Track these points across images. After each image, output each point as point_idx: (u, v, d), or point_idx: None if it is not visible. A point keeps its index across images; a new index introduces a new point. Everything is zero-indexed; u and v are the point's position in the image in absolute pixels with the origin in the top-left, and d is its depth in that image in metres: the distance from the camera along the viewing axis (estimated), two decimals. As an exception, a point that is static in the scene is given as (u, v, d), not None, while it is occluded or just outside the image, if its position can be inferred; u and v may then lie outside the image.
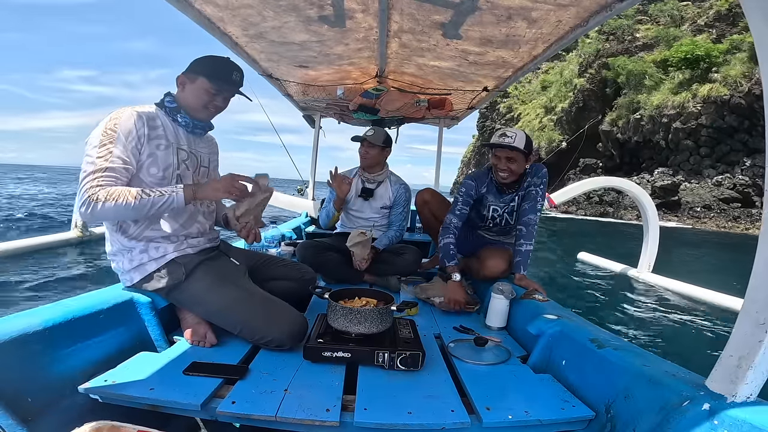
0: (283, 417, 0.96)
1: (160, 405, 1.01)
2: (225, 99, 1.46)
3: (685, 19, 23.67)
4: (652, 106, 21.31)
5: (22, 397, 0.92)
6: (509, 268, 2.00)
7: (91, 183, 1.17)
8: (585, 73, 26.52)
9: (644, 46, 24.04)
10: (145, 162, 1.29)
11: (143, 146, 1.28)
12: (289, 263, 1.79)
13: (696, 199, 18.29)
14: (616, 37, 25.39)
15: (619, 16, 24.75)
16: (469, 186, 2.08)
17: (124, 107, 1.30)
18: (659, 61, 22.24)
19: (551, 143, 26.91)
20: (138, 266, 1.34)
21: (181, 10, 1.73)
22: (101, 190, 1.17)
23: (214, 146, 1.65)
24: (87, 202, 1.15)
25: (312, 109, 3.82)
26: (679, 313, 3.66)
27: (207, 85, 1.38)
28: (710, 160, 19.20)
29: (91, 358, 1.15)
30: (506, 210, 2.09)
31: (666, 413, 0.87)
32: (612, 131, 23.84)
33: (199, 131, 1.49)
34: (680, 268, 5.90)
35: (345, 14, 1.81)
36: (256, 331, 1.31)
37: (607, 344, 1.19)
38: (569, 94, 27.78)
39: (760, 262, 0.79)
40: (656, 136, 21.21)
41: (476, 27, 1.80)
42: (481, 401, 1.08)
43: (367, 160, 2.38)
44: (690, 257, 8.48)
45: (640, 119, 21.99)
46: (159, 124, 1.34)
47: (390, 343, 1.30)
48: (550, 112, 29.73)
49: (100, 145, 1.21)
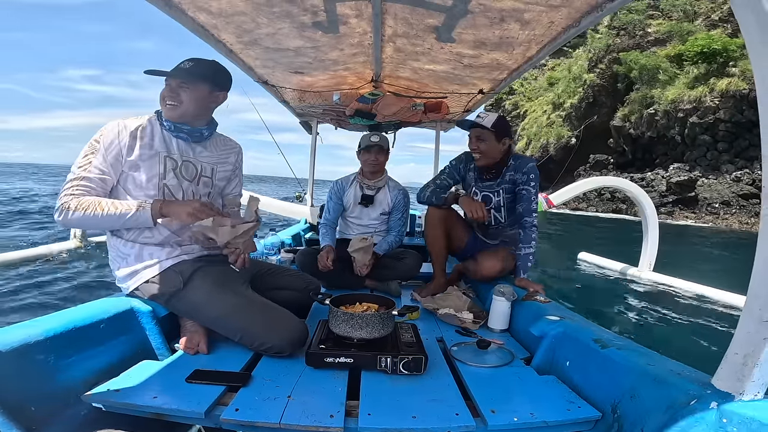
0: (287, 424, 0.96)
1: (163, 413, 1.00)
2: (170, 88, 1.35)
3: (698, 14, 23.51)
4: (667, 101, 20.82)
5: (25, 406, 0.92)
6: (506, 268, 1.99)
7: (66, 191, 1.22)
8: (595, 68, 26.18)
9: (656, 41, 23.77)
10: (128, 172, 1.30)
11: (124, 157, 1.29)
12: (294, 273, 1.78)
13: (714, 195, 17.85)
14: (627, 32, 25.09)
15: (629, 11, 24.73)
16: (459, 159, 2.19)
17: (116, 119, 1.33)
18: (673, 55, 21.92)
19: (560, 139, 26.76)
20: (132, 273, 1.34)
21: (174, 18, 1.73)
22: (73, 199, 1.21)
23: (228, 154, 1.56)
24: (60, 210, 1.21)
25: (308, 115, 3.83)
26: (681, 311, 3.65)
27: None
28: (728, 155, 18.78)
29: (93, 367, 1.14)
30: (491, 204, 2.06)
31: (673, 412, 0.87)
32: (624, 126, 23.50)
33: (195, 137, 1.43)
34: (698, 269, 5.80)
35: (338, 20, 1.82)
36: (255, 338, 1.30)
37: (611, 344, 1.18)
38: (578, 89, 27.39)
39: (761, 259, 0.79)
40: (671, 131, 20.80)
41: (469, 30, 1.81)
42: (486, 404, 1.08)
43: (377, 166, 2.37)
44: (708, 257, 8.33)
45: (654, 114, 21.60)
46: (147, 134, 1.34)
47: (392, 347, 1.30)
48: (558, 108, 29.33)
49: (83, 155, 1.26)
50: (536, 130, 30.28)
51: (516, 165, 2.00)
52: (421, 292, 2.12)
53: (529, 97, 34.45)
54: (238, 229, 1.32)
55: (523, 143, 31.14)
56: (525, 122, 32.53)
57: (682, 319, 3.46)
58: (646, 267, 4.45)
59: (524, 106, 34.14)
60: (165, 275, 1.34)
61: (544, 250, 7.69)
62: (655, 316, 3.55)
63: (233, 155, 1.58)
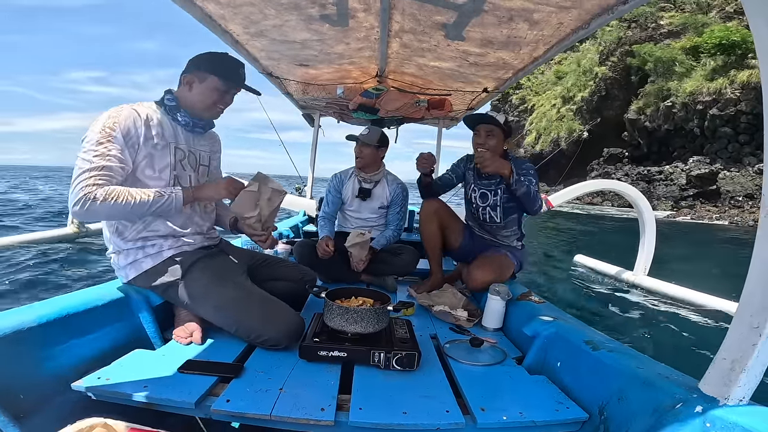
0: (278, 416, 0.96)
1: (154, 403, 1.01)
2: (232, 96, 1.46)
3: (711, 6, 23.26)
4: (685, 93, 20.66)
5: (14, 393, 0.92)
6: (500, 277, 1.93)
7: (87, 181, 1.14)
8: (607, 61, 25.95)
9: (669, 33, 23.57)
10: (141, 162, 1.28)
11: (140, 146, 1.27)
12: (289, 264, 1.79)
13: (737, 188, 17.60)
14: (638, 24, 24.89)
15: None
16: (461, 159, 2.25)
17: (123, 105, 1.28)
18: (689, 47, 21.70)
19: (571, 133, 26.56)
20: (134, 262, 1.34)
21: (182, 7, 1.73)
22: (99, 189, 1.15)
23: (217, 144, 1.64)
24: (83, 200, 1.13)
25: (311, 107, 3.82)
26: (672, 315, 3.67)
27: (218, 84, 1.38)
28: (750, 148, 18.52)
29: (85, 354, 1.15)
30: (488, 202, 2.05)
31: (659, 415, 0.88)
32: (639, 119, 23.22)
33: (199, 130, 1.47)
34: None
35: (348, 13, 1.81)
36: (252, 330, 1.31)
37: (602, 346, 1.19)
38: (589, 83, 27.21)
39: (755, 266, 0.79)
40: (690, 123, 20.52)
41: (477, 28, 1.80)
42: (476, 402, 1.09)
43: (362, 160, 2.37)
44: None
45: (671, 107, 21.35)
46: (157, 123, 1.33)
47: (386, 342, 1.31)
48: (568, 102, 29.11)
49: (97, 143, 1.18)
50: (546, 124, 30.09)
51: (514, 163, 1.95)
52: (418, 289, 2.12)
53: (536, 92, 34.23)
54: (273, 201, 1.41)
55: (532, 138, 30.85)
56: (533, 117, 32.24)
57: (674, 323, 3.48)
58: (641, 271, 4.46)
59: (531, 101, 33.93)
60: (165, 265, 1.35)
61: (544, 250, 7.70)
62: (647, 320, 3.57)
63: (218, 144, 1.65)
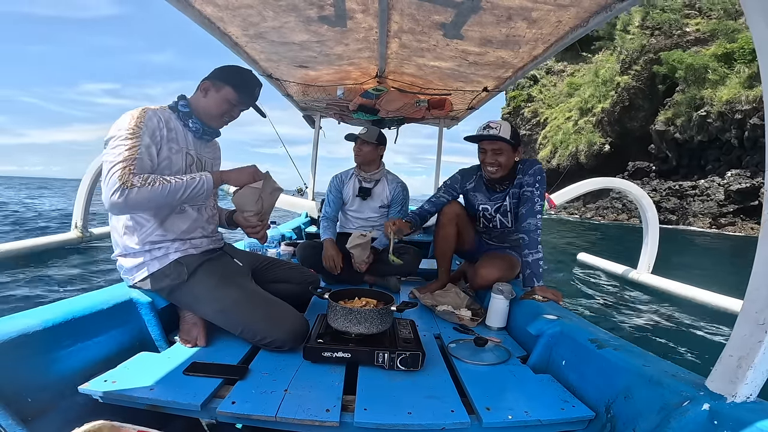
0: (283, 417, 0.96)
1: (160, 405, 1.01)
2: (239, 111, 1.48)
3: (739, 12, 22.23)
4: (722, 102, 19.18)
5: (22, 397, 0.92)
6: (506, 277, 1.91)
7: (122, 171, 1.15)
8: (629, 70, 24.60)
9: (697, 40, 22.49)
10: (162, 163, 1.30)
11: (162, 147, 1.30)
12: (293, 266, 1.79)
13: None
14: (662, 31, 23.71)
15: (663, 9, 23.62)
16: (454, 179, 2.09)
17: (144, 106, 1.30)
18: (720, 54, 20.62)
19: (591, 146, 25.39)
20: (140, 265, 1.34)
21: (180, 10, 1.73)
22: (134, 176, 1.16)
23: (218, 151, 1.66)
24: (121, 189, 1.13)
25: (312, 109, 3.83)
26: (678, 313, 3.66)
27: (231, 95, 1.40)
28: None
29: (91, 358, 1.15)
30: (498, 210, 2.00)
31: (666, 413, 0.87)
32: (668, 131, 21.70)
33: (207, 137, 1.50)
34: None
35: (346, 14, 1.81)
36: (257, 332, 1.31)
37: (607, 344, 1.19)
38: (610, 93, 25.86)
39: (760, 263, 0.79)
40: (727, 134, 19.02)
41: (476, 27, 1.80)
42: (481, 401, 1.08)
43: (360, 156, 2.37)
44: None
45: (706, 116, 19.78)
46: (173, 127, 1.35)
47: (390, 343, 1.31)
48: (586, 114, 27.73)
49: (126, 138, 1.20)
50: (562, 137, 28.82)
51: (523, 168, 1.92)
52: (422, 291, 2.11)
53: (549, 104, 33.18)
54: (273, 196, 1.43)
55: (547, 151, 29.70)
56: (546, 130, 31.17)
57: (679, 321, 3.47)
58: (644, 269, 4.44)
59: (545, 114, 32.85)
60: (170, 267, 1.35)
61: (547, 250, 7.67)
62: (652, 318, 3.55)
63: (219, 151, 1.67)
